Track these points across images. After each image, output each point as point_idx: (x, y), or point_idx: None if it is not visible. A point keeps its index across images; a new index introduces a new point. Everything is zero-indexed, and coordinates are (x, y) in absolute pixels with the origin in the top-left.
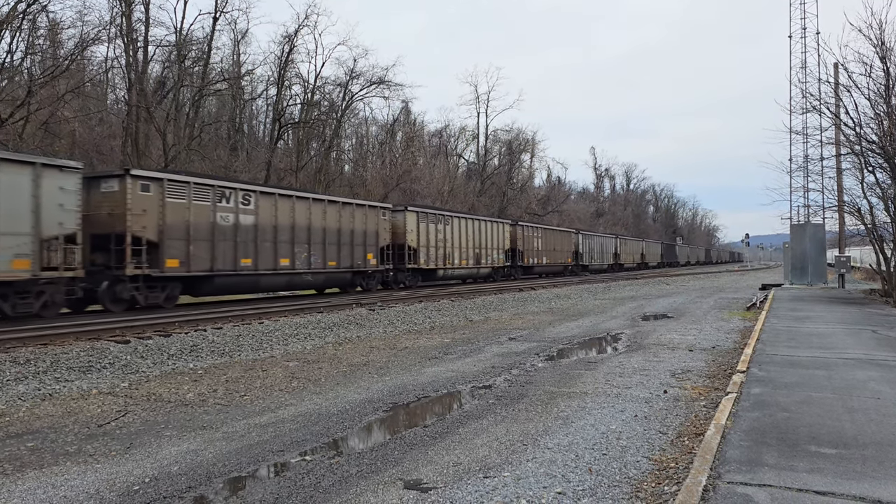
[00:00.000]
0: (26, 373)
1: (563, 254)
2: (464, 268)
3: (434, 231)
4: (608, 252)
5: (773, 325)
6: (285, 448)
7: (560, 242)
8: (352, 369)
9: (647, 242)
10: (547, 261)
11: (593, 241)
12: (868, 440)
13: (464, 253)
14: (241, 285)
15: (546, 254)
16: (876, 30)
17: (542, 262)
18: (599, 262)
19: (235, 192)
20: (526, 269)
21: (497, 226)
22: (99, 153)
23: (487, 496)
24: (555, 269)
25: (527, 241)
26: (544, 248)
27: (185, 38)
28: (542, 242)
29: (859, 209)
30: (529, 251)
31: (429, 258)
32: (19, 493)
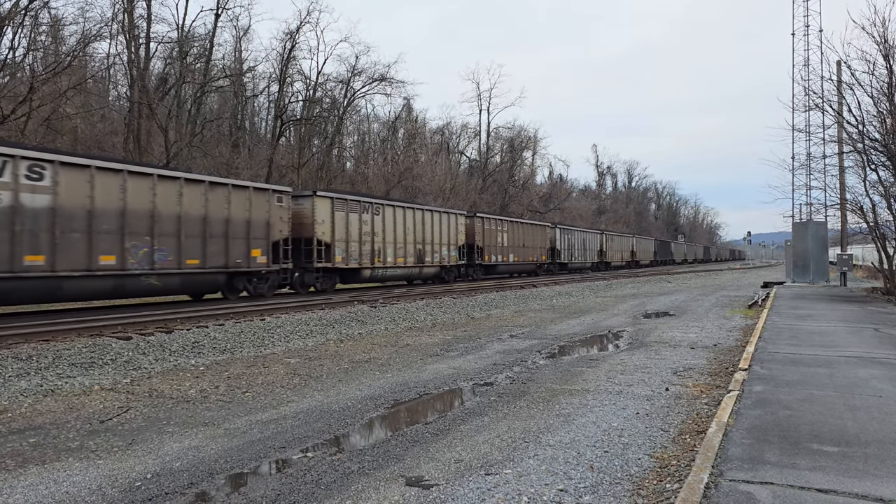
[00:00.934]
0: (28, 369)
1: (536, 250)
2: (400, 267)
3: (357, 222)
4: (592, 249)
5: (774, 323)
6: (287, 445)
7: (532, 237)
8: (353, 366)
9: (638, 239)
10: (514, 258)
11: (573, 237)
12: (870, 438)
13: (401, 249)
14: (23, 292)
15: (513, 250)
16: (879, 27)
17: (507, 259)
18: (581, 260)
19: (14, 163)
20: (487, 269)
21: (448, 217)
22: (101, 150)
23: (489, 493)
24: (525, 267)
25: (488, 236)
26: (511, 244)
27: (186, 35)
28: (507, 237)
29: (861, 207)
30: (491, 247)
31: (348, 255)
32: (21, 489)
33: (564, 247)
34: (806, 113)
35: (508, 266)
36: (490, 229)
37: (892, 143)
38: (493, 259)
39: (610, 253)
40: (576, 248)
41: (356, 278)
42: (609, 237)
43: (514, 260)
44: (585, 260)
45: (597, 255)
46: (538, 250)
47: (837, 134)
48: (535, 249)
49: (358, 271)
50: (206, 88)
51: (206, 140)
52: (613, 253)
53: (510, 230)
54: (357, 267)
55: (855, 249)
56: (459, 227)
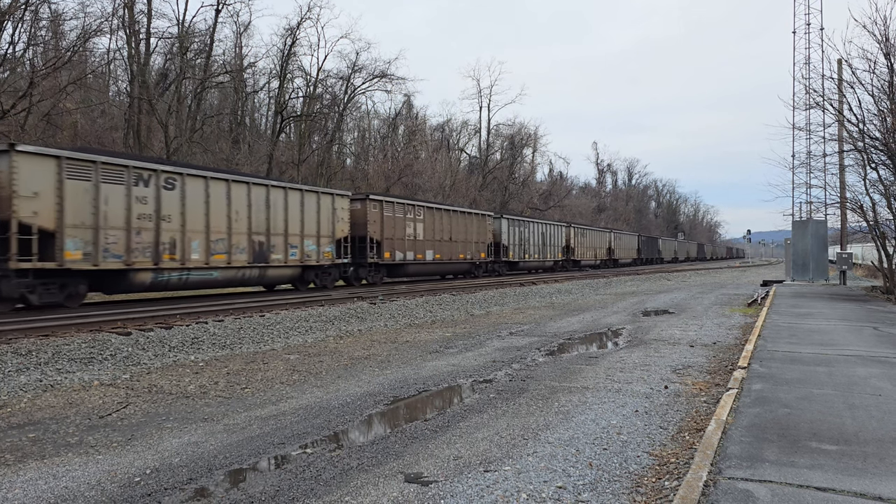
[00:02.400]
0: (28, 364)
1: (471, 246)
2: (229, 267)
3: (176, 201)
4: (556, 244)
5: (774, 322)
6: (286, 440)
7: (464, 229)
8: (353, 362)
9: (617, 234)
10: (436, 255)
11: (528, 230)
12: (869, 437)
13: (238, 242)
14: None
15: (434, 245)
16: (880, 26)
17: (423, 257)
18: (539, 258)
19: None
20: (393, 269)
21: (319, 200)
22: (101, 145)
23: (488, 490)
24: (453, 267)
25: (389, 226)
26: (430, 238)
27: (187, 31)
28: (423, 228)
29: (861, 206)
30: (396, 241)
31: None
32: (21, 484)
33: (513, 241)
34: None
35: (425, 266)
36: (392, 217)
37: (893, 141)
38: (398, 256)
39: (580, 250)
40: (531, 244)
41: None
42: (579, 231)
43: (434, 258)
44: (544, 257)
45: (561, 252)
46: (474, 245)
47: (838, 132)
48: (470, 245)
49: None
50: (207, 84)
51: (206, 136)
52: (584, 250)
53: (429, 219)
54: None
55: (855, 248)
56: (337, 212)
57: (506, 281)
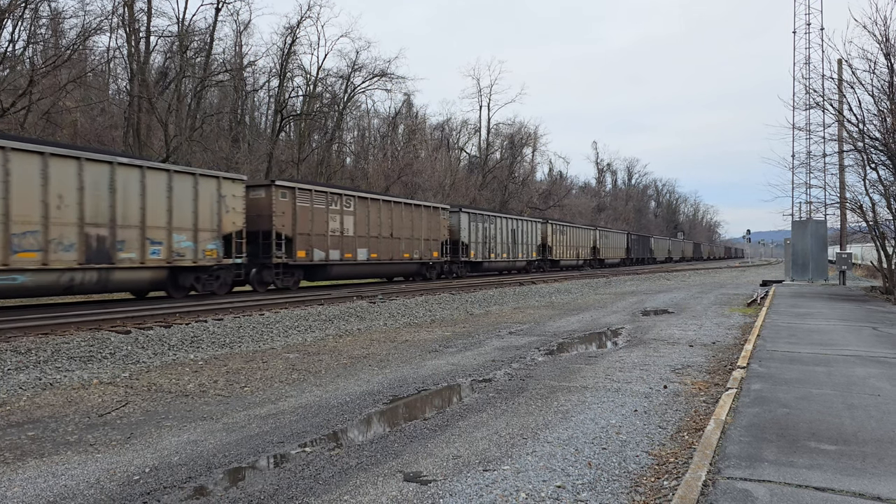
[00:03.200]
0: (27, 362)
1: (420, 244)
2: (44, 269)
3: None
4: (529, 243)
5: (773, 322)
6: (285, 439)
7: (414, 225)
8: (352, 361)
9: (604, 232)
10: (372, 255)
11: (494, 227)
12: (868, 437)
13: (62, 235)
14: None
15: (370, 243)
16: (881, 26)
17: (354, 256)
18: (508, 258)
19: None
20: (312, 270)
21: (197, 184)
22: (100, 143)
23: (487, 489)
24: (396, 268)
25: (302, 220)
26: (363, 234)
27: (187, 29)
28: (354, 223)
29: (861, 206)
30: (314, 238)
31: None
32: (20, 482)
33: (476, 239)
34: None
35: (356, 267)
36: (309, 209)
37: (893, 142)
38: (317, 255)
39: (558, 249)
40: (498, 242)
41: None
42: (557, 228)
43: (370, 257)
44: (515, 257)
45: (536, 251)
46: (424, 243)
47: (838, 132)
48: (418, 242)
49: None
50: (206, 83)
51: (205, 134)
52: (564, 249)
53: (362, 212)
54: None
55: (854, 248)
56: (228, 201)
57: (504, 280)
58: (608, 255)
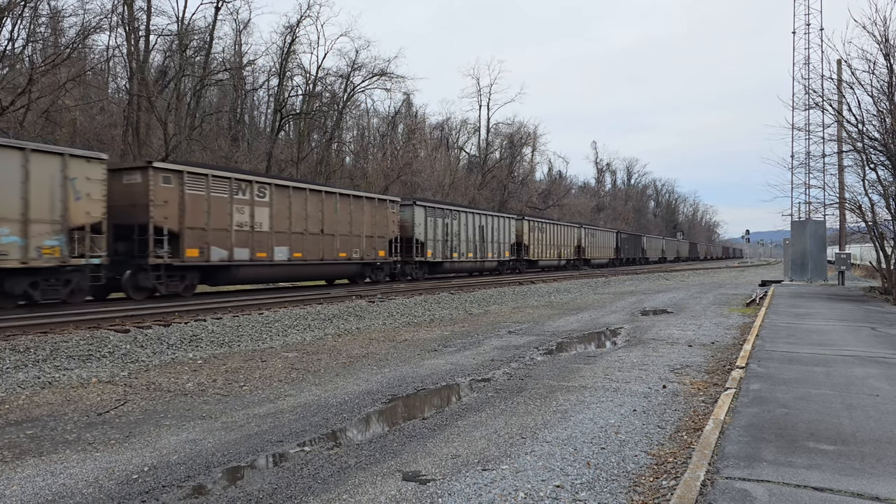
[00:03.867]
0: (26, 361)
1: (361, 242)
2: None
3: None
4: (501, 241)
5: (772, 322)
6: (284, 438)
7: (350, 220)
8: (351, 361)
9: (590, 230)
10: (294, 254)
11: (457, 223)
12: (866, 437)
13: None
14: None
15: (292, 240)
16: (880, 26)
17: (270, 255)
18: (475, 257)
19: None
20: (211, 272)
21: (28, 163)
22: (100, 142)
23: (486, 489)
24: (328, 269)
25: (194, 211)
26: (283, 229)
27: (186, 28)
28: (269, 216)
29: (860, 206)
30: (212, 233)
31: None
32: (18, 481)
33: (434, 236)
34: (806, 112)
35: (273, 268)
36: (205, 197)
37: (892, 142)
38: (217, 255)
39: (536, 248)
40: (462, 240)
41: None
42: (535, 225)
43: (292, 257)
44: (483, 256)
45: (510, 251)
46: (367, 241)
47: (837, 133)
48: (359, 240)
49: None
50: (206, 82)
51: (205, 133)
52: (543, 248)
53: (281, 202)
54: None
55: (853, 248)
56: (78, 185)
57: (504, 280)
58: (595, 254)
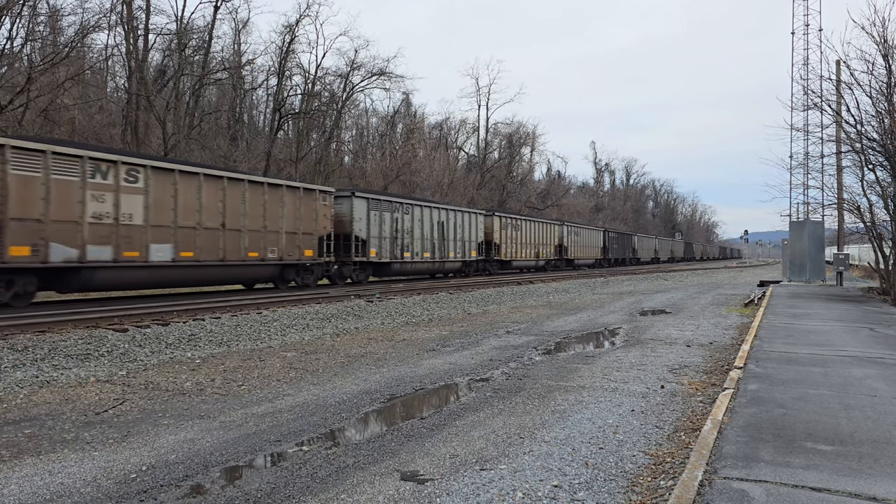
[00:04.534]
0: (24, 360)
1: (281, 239)
2: None
3: None
4: (466, 239)
5: (770, 322)
6: (282, 438)
7: (264, 213)
8: (350, 360)
9: (573, 228)
10: (182, 252)
11: (408, 217)
12: (864, 437)
13: None
14: None
15: (177, 236)
16: (879, 27)
17: (144, 255)
18: (434, 258)
19: None
20: (54, 277)
21: None
22: (98, 141)
23: (484, 488)
24: (233, 273)
25: (22, 197)
26: (166, 222)
27: (185, 27)
28: (144, 205)
29: (859, 207)
30: (52, 226)
31: None
32: (16, 480)
33: (380, 233)
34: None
35: (157, 271)
36: (42, 180)
37: (890, 143)
38: (63, 256)
39: (510, 247)
40: (416, 238)
41: None
42: (508, 222)
43: (178, 256)
44: (444, 256)
45: (476, 250)
46: (289, 238)
47: (836, 133)
48: (277, 237)
49: None
50: (205, 81)
51: (204, 133)
52: (518, 247)
53: (162, 188)
54: None
55: (851, 249)
56: None
57: (503, 280)
58: (579, 254)
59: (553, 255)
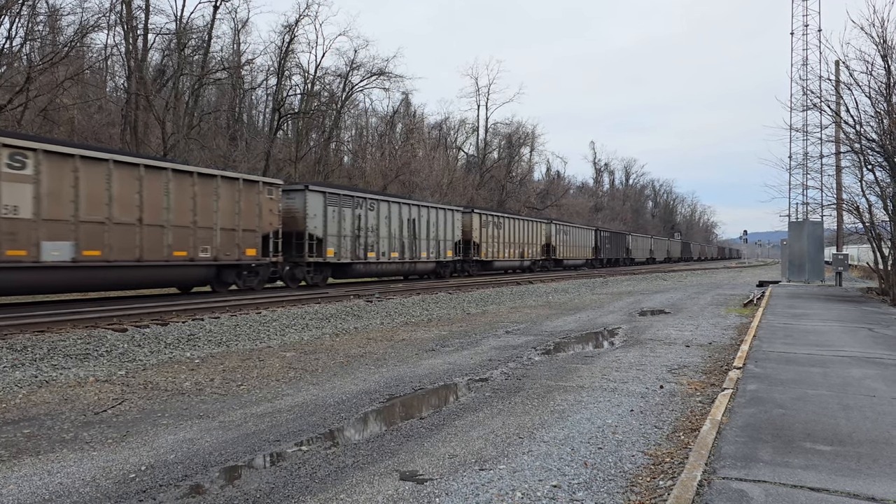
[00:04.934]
0: (23, 359)
1: (216, 236)
2: None
3: None
4: (440, 238)
5: (769, 322)
6: (281, 438)
7: (196, 206)
8: (349, 360)
9: (561, 227)
10: (86, 252)
11: (374, 214)
12: (863, 438)
13: None
14: None
15: (85, 232)
16: (878, 27)
17: (36, 255)
18: (400, 258)
19: None
20: None
21: None
22: (97, 141)
23: (483, 488)
24: (153, 274)
25: None
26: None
27: (185, 27)
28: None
29: (858, 207)
30: None
31: None
32: (15, 480)
33: (341, 231)
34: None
35: (51, 273)
36: None
37: (890, 143)
38: None
39: (490, 246)
40: (381, 236)
41: None
42: (487, 220)
43: (81, 255)
44: (413, 256)
45: (454, 250)
46: (225, 235)
47: (835, 134)
48: (215, 233)
49: None
50: (204, 80)
51: (203, 132)
52: (500, 247)
53: (66, 179)
54: None
55: (850, 249)
56: None
57: (501, 280)
58: (568, 254)
59: (540, 256)
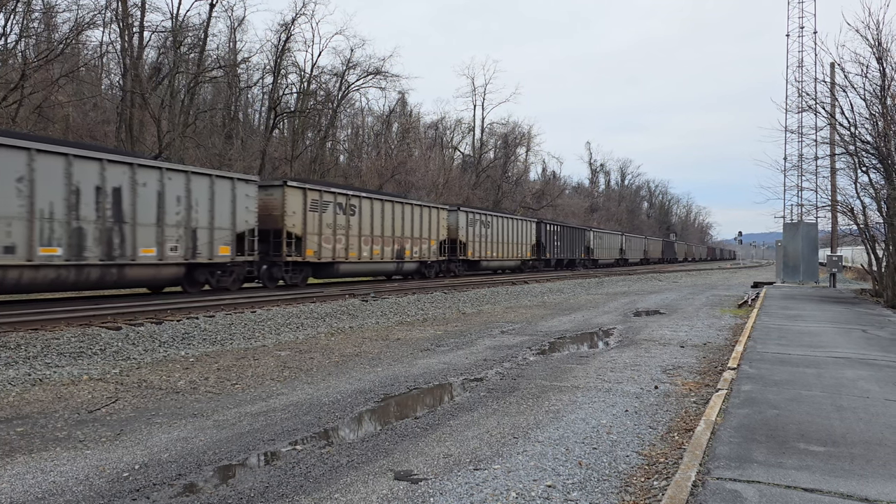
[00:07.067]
0: (17, 357)
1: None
2: None
3: None
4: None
5: (764, 323)
6: (276, 437)
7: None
8: (344, 360)
9: (482, 217)
10: None
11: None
12: (856, 438)
13: None
14: None
15: None
16: (873, 30)
17: None
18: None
19: None
20: None
21: None
22: (93, 138)
23: (477, 488)
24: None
25: None
26: None
27: (181, 25)
28: None
29: (852, 209)
30: None
31: None
32: (8, 478)
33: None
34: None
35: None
36: None
37: (884, 145)
38: None
39: (477, 246)
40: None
41: None
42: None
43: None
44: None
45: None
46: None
47: (830, 136)
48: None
49: None
50: (200, 79)
51: (199, 131)
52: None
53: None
54: None
55: (845, 251)
56: None
57: (497, 280)
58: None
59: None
